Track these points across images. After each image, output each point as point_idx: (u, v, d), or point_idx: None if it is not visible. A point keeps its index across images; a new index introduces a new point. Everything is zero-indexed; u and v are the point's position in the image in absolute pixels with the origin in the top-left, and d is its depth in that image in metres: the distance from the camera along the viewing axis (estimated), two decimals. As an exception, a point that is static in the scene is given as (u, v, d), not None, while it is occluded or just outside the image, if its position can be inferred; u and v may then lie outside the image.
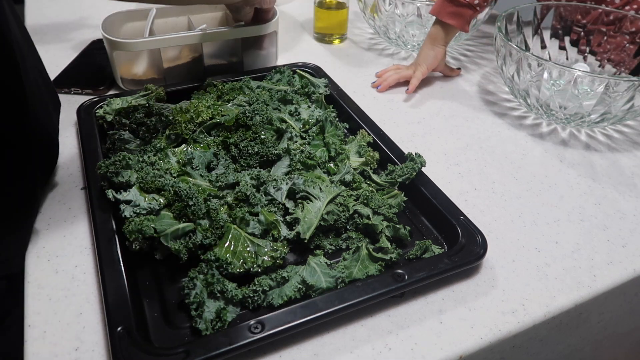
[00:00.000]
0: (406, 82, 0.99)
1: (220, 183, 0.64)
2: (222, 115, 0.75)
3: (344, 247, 0.62)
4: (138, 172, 0.63)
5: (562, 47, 1.03)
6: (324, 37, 1.17)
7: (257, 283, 0.54)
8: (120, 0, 0.75)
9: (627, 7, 0.98)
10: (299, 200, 0.63)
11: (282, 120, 0.76)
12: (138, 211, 0.58)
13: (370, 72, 1.04)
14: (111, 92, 0.91)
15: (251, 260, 0.56)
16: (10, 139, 0.58)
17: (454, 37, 1.02)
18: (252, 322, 0.49)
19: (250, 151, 0.69)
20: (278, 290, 0.55)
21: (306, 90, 0.86)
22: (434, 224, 0.66)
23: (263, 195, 0.63)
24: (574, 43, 1.02)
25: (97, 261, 0.58)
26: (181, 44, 0.90)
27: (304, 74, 0.91)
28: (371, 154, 0.73)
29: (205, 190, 0.63)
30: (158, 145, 0.70)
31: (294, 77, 0.91)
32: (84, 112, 0.79)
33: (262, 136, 0.71)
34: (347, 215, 0.63)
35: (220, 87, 0.83)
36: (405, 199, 0.67)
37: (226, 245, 0.57)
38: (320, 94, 0.86)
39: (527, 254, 0.64)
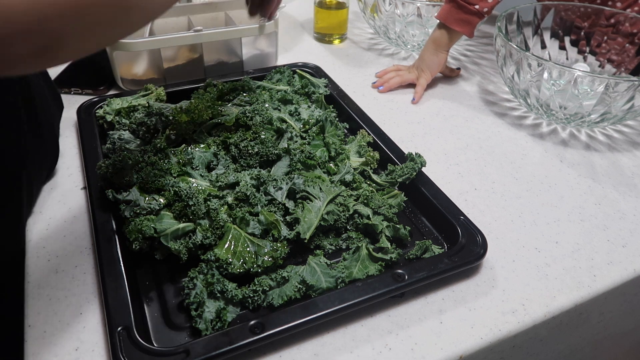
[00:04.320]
0: (407, 85, 0.99)
1: (220, 183, 0.64)
2: (222, 115, 0.75)
3: (344, 247, 0.62)
4: (138, 172, 0.63)
5: (562, 47, 1.03)
6: (324, 37, 1.17)
7: (257, 283, 0.54)
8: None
9: (629, 10, 0.98)
10: (299, 200, 0.63)
11: (282, 120, 0.76)
12: (138, 211, 0.58)
13: (370, 72, 1.04)
14: (111, 92, 0.91)
15: (251, 260, 0.56)
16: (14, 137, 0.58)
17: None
18: (252, 322, 0.49)
19: (250, 151, 0.69)
20: (278, 290, 0.55)
21: (306, 90, 0.86)
22: (434, 224, 0.66)
23: (263, 195, 0.63)
24: (574, 43, 1.02)
25: (97, 261, 0.58)
26: (181, 44, 0.90)
27: (304, 74, 0.91)
28: (371, 154, 0.73)
29: (205, 190, 0.63)
30: (158, 145, 0.70)
31: (294, 77, 0.91)
32: (84, 112, 0.79)
33: (262, 136, 0.71)
34: (347, 215, 0.63)
35: (220, 87, 0.83)
36: (405, 199, 0.67)
37: (226, 245, 0.57)
38: (320, 94, 0.86)
39: (527, 254, 0.64)
